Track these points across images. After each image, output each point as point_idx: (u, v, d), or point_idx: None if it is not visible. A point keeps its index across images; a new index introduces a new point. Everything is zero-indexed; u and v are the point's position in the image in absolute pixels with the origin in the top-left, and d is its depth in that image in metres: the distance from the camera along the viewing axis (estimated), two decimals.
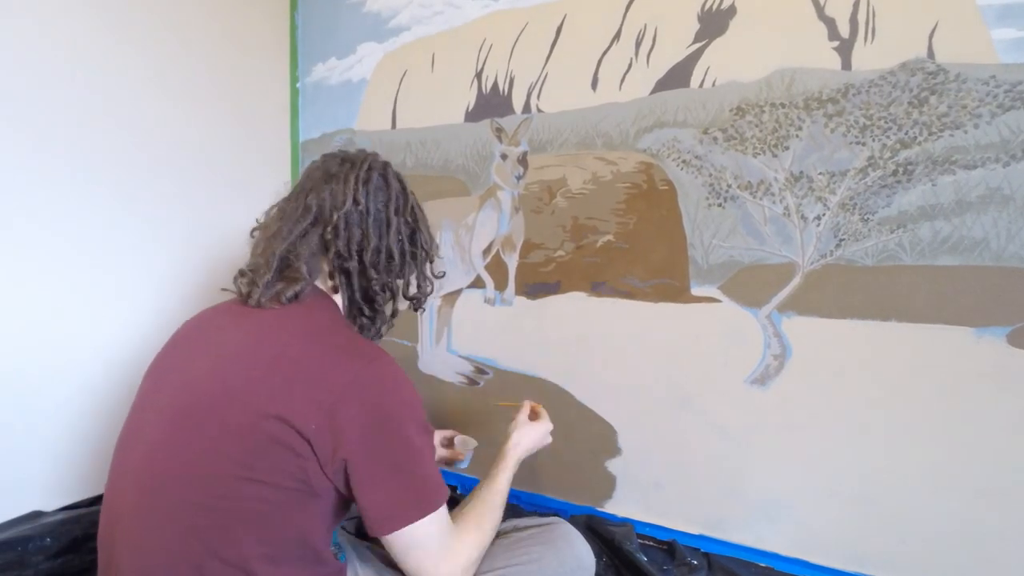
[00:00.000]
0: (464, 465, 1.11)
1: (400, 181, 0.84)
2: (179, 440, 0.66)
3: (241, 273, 0.78)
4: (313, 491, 0.66)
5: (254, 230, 0.85)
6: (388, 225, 0.80)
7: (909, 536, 1.02)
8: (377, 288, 0.80)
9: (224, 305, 0.81)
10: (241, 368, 0.68)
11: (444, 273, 0.92)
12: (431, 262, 0.89)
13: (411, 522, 0.67)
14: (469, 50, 1.38)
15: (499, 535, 0.87)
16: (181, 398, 0.69)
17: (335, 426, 0.64)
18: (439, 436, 1.11)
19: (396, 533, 0.67)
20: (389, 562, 0.77)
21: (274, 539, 0.65)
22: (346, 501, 0.71)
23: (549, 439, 0.99)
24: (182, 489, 0.64)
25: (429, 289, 0.91)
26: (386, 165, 0.84)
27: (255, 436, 0.63)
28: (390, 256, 0.80)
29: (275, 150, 1.64)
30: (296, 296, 0.74)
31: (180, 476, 0.65)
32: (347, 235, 0.77)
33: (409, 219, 0.83)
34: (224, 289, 0.83)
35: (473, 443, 1.10)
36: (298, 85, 1.67)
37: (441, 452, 1.09)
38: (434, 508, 0.69)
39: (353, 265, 0.78)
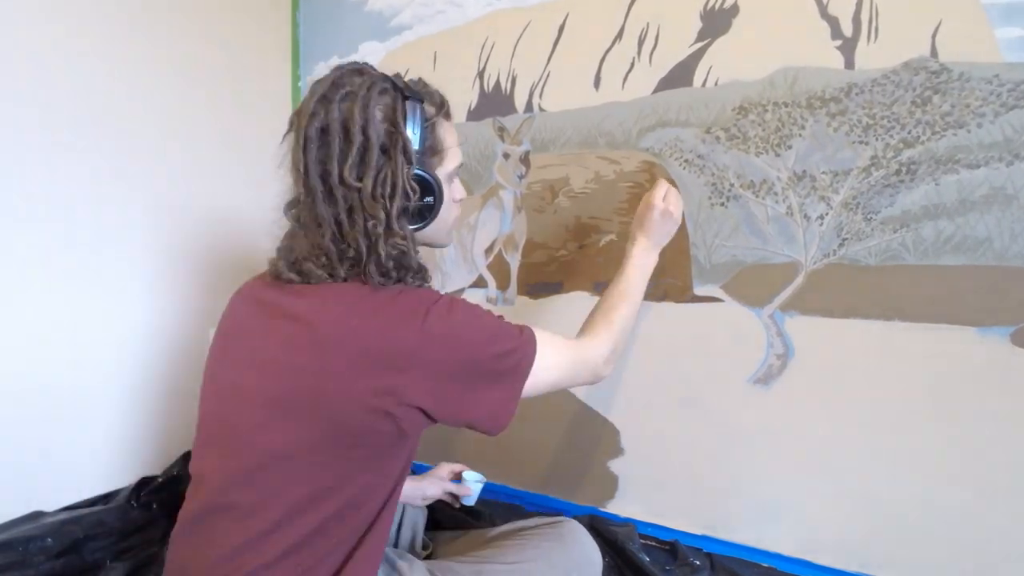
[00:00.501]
0: (471, 502, 1.10)
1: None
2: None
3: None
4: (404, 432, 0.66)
5: None
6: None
7: (912, 536, 1.03)
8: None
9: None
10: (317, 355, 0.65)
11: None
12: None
13: (521, 390, 0.72)
14: (471, 49, 1.39)
15: (506, 535, 0.90)
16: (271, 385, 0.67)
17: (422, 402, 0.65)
18: (446, 469, 1.11)
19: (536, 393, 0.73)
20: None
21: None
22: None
23: (672, 214, 0.95)
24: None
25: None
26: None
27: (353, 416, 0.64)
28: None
29: (277, 149, 1.64)
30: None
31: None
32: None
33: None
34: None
35: (481, 478, 1.10)
36: (300, 84, 1.68)
37: (448, 487, 1.08)
38: (531, 360, 0.72)
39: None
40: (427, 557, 0.97)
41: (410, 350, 0.64)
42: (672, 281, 1.19)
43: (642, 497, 1.27)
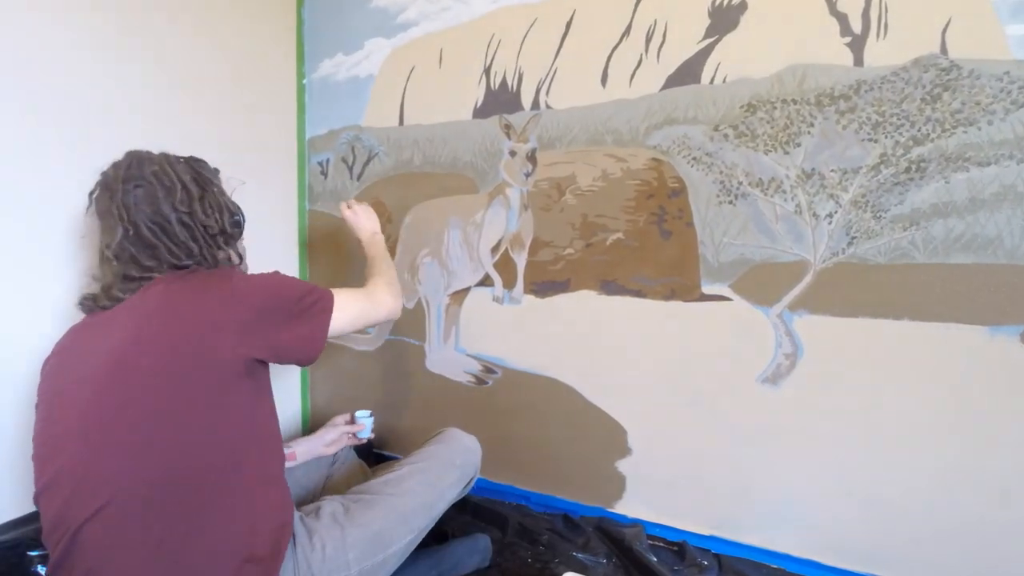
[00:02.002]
0: (366, 435, 1.34)
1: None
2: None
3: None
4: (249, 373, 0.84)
5: None
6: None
7: (922, 537, 1.05)
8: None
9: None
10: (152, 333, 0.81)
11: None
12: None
13: (327, 327, 0.93)
14: (477, 46, 1.42)
15: (407, 456, 1.12)
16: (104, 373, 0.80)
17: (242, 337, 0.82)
18: (340, 418, 1.35)
19: (332, 336, 0.94)
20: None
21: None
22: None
23: (361, 212, 1.32)
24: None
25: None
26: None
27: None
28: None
29: (281, 146, 1.69)
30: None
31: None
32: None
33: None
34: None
35: (369, 412, 1.35)
36: (304, 81, 1.72)
37: (343, 428, 1.33)
38: (331, 303, 0.95)
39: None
40: None
41: (222, 299, 0.83)
42: (680, 280, 1.21)
43: (650, 497, 1.30)
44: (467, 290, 1.49)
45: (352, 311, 1.00)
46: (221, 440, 0.80)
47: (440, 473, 1.07)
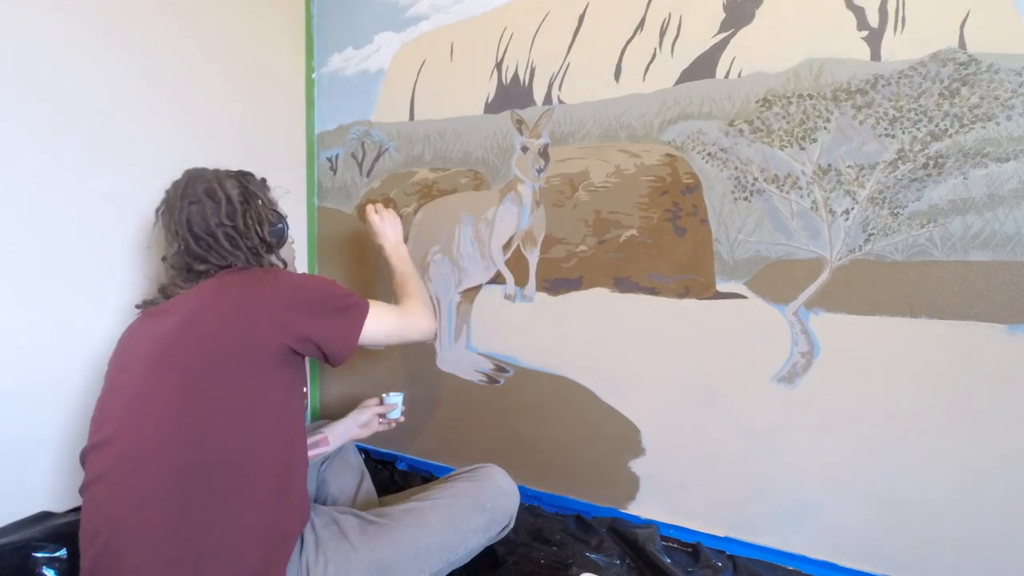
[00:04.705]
0: (396, 415, 1.34)
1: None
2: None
3: None
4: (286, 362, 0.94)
5: None
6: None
7: (940, 538, 1.08)
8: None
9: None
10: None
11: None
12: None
13: (361, 329, 1.02)
14: (489, 40, 1.47)
15: (435, 482, 1.15)
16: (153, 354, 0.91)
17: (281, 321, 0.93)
18: (370, 400, 1.37)
19: (362, 341, 1.03)
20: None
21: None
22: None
23: (389, 219, 1.36)
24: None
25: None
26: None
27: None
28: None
29: (291, 141, 1.75)
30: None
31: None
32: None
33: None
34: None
35: (399, 393, 1.35)
36: (314, 76, 1.78)
37: (375, 409, 1.34)
38: (367, 310, 1.04)
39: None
40: None
41: (269, 294, 0.94)
42: (694, 277, 1.25)
43: (664, 498, 1.34)
44: (478, 288, 1.54)
45: (388, 325, 1.08)
46: (249, 423, 0.88)
47: (466, 514, 1.05)
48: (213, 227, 1.02)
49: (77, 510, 1.23)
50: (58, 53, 1.18)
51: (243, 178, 1.10)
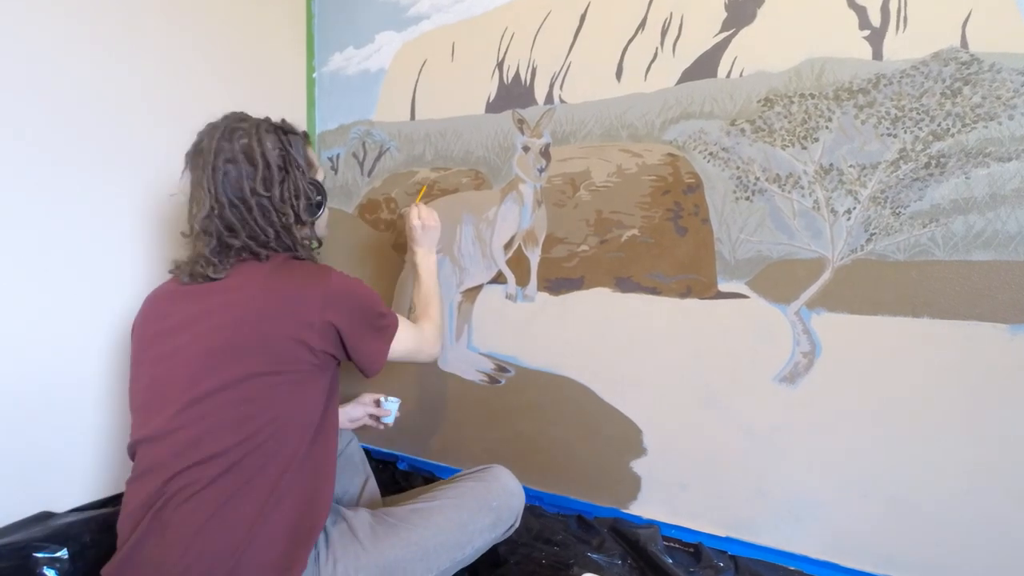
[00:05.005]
0: (390, 421, 1.35)
1: (251, 147, 0.99)
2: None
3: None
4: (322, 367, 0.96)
5: None
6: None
7: (942, 538, 1.09)
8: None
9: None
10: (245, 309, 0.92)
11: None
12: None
13: (389, 350, 1.05)
14: (490, 39, 1.48)
15: (441, 482, 1.15)
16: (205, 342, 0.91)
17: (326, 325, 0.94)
18: (369, 396, 1.38)
19: (390, 357, 1.05)
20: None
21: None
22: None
23: (430, 226, 1.33)
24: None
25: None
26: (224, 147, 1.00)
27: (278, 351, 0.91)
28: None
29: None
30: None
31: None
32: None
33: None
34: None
35: (397, 400, 1.35)
36: (315, 75, 1.78)
37: (369, 409, 1.36)
38: (396, 327, 1.07)
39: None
40: None
41: (319, 296, 0.93)
42: (696, 277, 1.26)
43: (665, 498, 1.35)
44: (480, 288, 1.55)
45: (405, 346, 1.10)
46: (296, 424, 0.91)
47: (473, 514, 1.06)
48: (247, 194, 0.97)
49: (77, 510, 1.24)
50: (58, 53, 1.18)
51: (285, 138, 1.03)
